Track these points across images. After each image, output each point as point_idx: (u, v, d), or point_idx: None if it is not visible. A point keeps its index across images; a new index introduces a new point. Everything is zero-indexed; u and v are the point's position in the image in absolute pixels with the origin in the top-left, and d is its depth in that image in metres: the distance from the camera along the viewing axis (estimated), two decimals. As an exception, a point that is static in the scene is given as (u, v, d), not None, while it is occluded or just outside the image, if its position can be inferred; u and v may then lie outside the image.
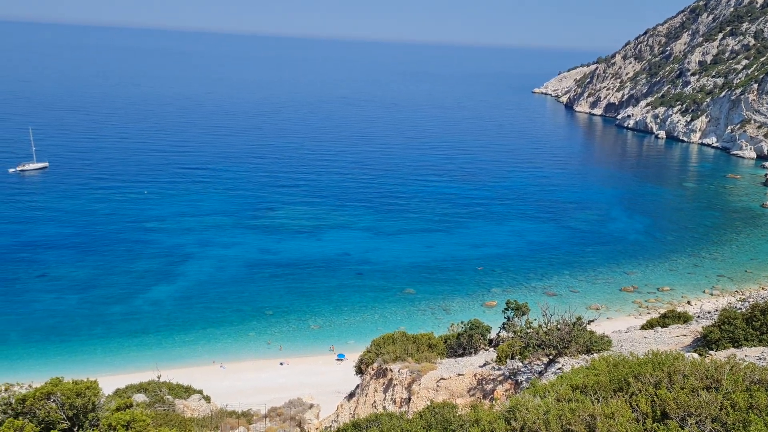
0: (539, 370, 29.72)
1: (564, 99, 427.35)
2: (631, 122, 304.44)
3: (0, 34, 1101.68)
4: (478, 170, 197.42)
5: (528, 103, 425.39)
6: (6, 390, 20.39)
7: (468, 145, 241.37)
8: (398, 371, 35.83)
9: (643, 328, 41.85)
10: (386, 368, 36.98)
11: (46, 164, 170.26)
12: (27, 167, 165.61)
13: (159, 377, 50.25)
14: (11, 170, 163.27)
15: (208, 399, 48.12)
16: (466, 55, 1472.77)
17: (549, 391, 17.37)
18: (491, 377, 31.10)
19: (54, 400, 19.09)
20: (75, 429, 19.45)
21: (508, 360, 31.15)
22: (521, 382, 29.26)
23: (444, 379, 32.77)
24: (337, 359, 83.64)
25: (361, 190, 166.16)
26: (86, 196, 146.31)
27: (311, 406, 46.24)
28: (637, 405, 15.16)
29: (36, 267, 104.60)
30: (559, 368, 28.76)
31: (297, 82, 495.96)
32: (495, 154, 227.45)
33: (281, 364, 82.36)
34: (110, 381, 55.31)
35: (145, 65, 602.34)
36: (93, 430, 18.94)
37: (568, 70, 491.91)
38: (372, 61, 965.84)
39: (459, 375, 32.63)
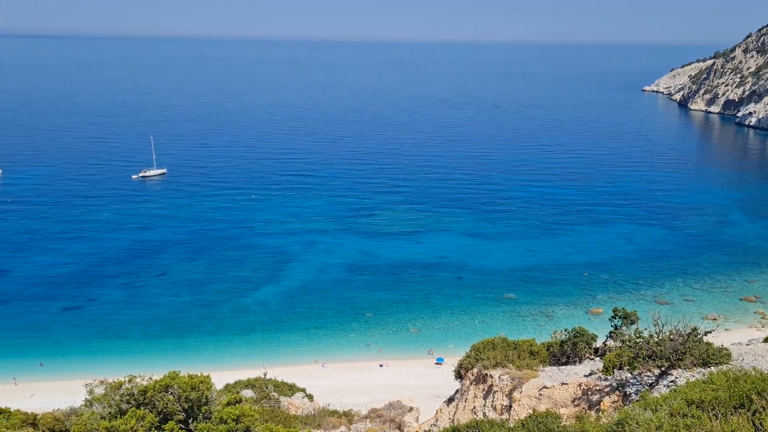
0: (650, 382, 28.23)
1: (677, 97, 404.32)
2: (753, 120, 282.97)
3: (121, 50, 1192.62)
4: (583, 173, 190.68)
5: (637, 102, 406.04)
6: (130, 381, 21.99)
7: (572, 147, 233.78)
8: (499, 378, 35.23)
9: (766, 340, 38.70)
10: (486, 374, 36.46)
11: (164, 170, 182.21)
12: (148, 173, 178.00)
13: (265, 374, 52.28)
14: (134, 177, 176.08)
15: (310, 397, 49.48)
16: (569, 53, 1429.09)
17: (661, 405, 16.45)
18: (597, 388, 29.88)
19: (171, 393, 20.39)
20: (190, 421, 20.64)
21: (615, 370, 29.80)
22: (630, 394, 27.91)
23: (547, 387, 31.85)
24: (436, 363, 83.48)
25: (461, 193, 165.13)
26: (200, 200, 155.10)
27: (411, 409, 46.42)
28: (760, 424, 14.05)
29: (155, 267, 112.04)
30: (672, 381, 27.20)
31: (394, 86, 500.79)
32: (601, 155, 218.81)
33: (381, 365, 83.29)
34: (220, 376, 58.13)
35: (250, 74, 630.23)
36: (206, 422, 20.01)
37: (682, 66, 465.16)
38: (470, 63, 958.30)
39: (563, 384, 31.61)
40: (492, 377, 35.77)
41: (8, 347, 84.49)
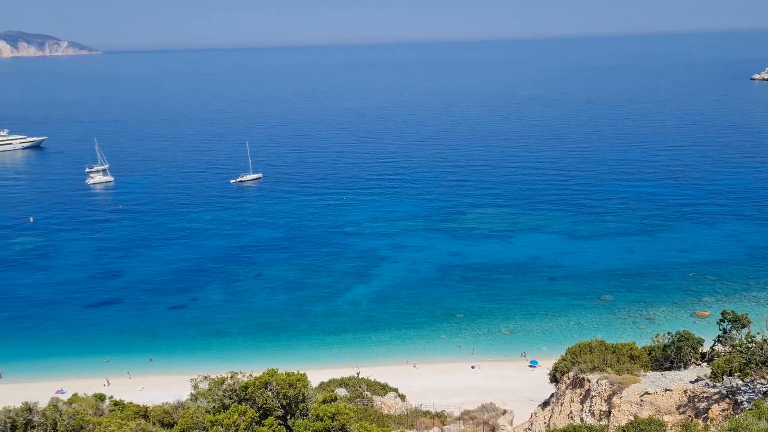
0: (764, 390, 26.40)
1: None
2: None
3: (212, 61, 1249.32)
4: (687, 169, 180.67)
5: (745, 92, 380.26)
6: (232, 377, 23.04)
7: (672, 142, 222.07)
8: (596, 382, 34.07)
9: None
10: (583, 378, 35.37)
11: (260, 175, 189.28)
12: (245, 178, 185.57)
13: (358, 374, 53.09)
14: (232, 181, 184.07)
15: (403, 397, 49.80)
16: (667, 44, 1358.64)
17: (778, 416, 15.35)
18: (705, 395, 28.27)
19: (270, 389, 21.17)
20: (288, 417, 21.33)
21: (725, 377, 28.09)
22: (742, 402, 26.21)
23: (649, 393, 30.47)
24: (530, 365, 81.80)
25: (554, 191, 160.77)
26: (293, 203, 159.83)
27: (504, 411, 45.72)
28: None
29: (253, 268, 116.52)
30: (789, 390, 25.32)
31: (482, 86, 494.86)
32: (706, 150, 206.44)
33: (473, 367, 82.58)
34: (315, 374, 59.55)
35: (340, 79, 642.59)
36: (303, 419, 20.62)
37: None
38: (563, 58, 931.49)
39: (666, 390, 30.14)
40: (589, 381, 34.68)
41: (123, 343, 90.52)
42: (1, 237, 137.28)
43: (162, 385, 77.47)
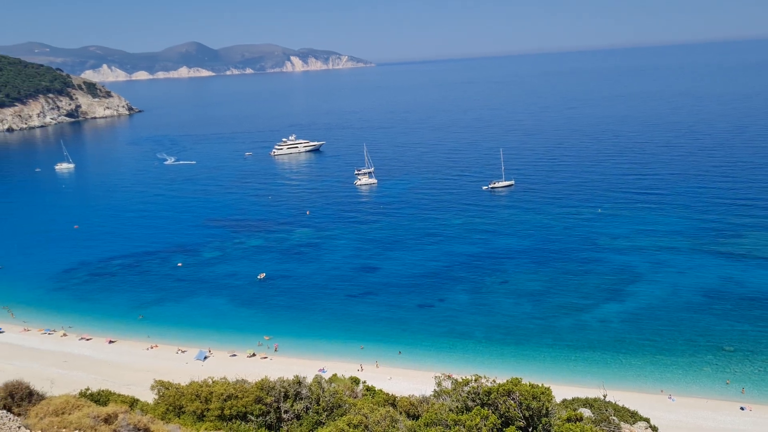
0: None
1: None
2: None
3: (472, 70, 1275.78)
4: None
5: None
6: (476, 381, 23.57)
7: None
8: None
9: None
10: None
11: (512, 182, 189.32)
12: (496, 185, 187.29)
13: (605, 396, 50.15)
14: (484, 188, 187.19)
15: (655, 429, 45.82)
16: None
17: None
18: None
19: (513, 398, 21.21)
20: (529, 429, 21.15)
21: None
22: None
23: None
24: (819, 419, 69.12)
25: None
26: (544, 211, 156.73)
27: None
28: None
29: (499, 274, 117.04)
30: None
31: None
32: None
33: (742, 408, 72.59)
34: (557, 390, 57.67)
35: (595, 86, 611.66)
36: (545, 433, 20.25)
37: None
38: None
39: None
40: None
41: (376, 333, 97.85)
42: (285, 227, 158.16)
43: (408, 377, 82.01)
